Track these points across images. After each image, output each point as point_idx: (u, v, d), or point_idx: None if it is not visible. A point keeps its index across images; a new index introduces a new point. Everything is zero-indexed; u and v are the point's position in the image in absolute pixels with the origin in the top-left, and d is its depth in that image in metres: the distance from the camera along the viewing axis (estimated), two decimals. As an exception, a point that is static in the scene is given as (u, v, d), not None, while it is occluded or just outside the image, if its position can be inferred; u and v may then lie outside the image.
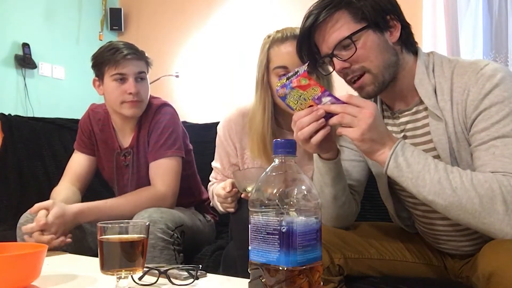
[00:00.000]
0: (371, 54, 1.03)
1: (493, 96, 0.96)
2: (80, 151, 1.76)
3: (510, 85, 0.96)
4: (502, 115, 0.94)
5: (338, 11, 1.03)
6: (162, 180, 1.61)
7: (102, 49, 1.64)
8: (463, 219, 0.92)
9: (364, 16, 1.02)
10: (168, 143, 1.65)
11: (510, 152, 0.92)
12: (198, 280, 0.99)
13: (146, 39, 3.81)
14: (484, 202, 0.89)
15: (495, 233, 0.90)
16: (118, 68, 1.58)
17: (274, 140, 0.79)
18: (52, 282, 1.00)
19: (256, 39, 1.65)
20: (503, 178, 0.90)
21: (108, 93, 1.64)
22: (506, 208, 0.87)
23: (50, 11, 3.38)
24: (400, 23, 1.06)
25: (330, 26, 1.04)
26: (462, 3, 2.63)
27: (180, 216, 1.57)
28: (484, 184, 0.90)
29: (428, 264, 1.20)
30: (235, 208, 1.37)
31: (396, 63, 1.06)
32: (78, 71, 3.56)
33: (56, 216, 1.38)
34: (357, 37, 1.02)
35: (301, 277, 0.71)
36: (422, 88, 1.05)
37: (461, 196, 0.90)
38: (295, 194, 0.73)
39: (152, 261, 1.37)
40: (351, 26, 1.02)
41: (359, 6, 1.02)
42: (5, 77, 3.07)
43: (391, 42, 1.05)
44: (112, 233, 0.89)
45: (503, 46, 2.53)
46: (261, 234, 0.73)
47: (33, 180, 2.39)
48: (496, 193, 0.89)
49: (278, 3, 3.29)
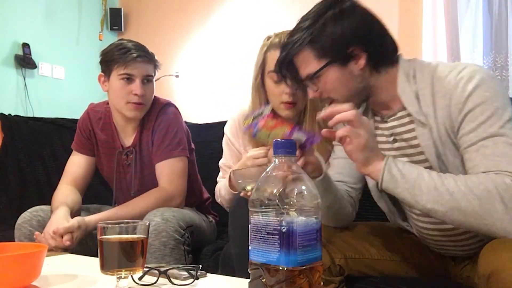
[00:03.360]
0: (335, 88, 1.08)
1: (475, 97, 0.97)
2: (78, 152, 1.76)
3: (491, 85, 0.98)
4: (487, 115, 0.96)
5: (302, 50, 1.07)
6: (169, 180, 1.61)
7: (113, 47, 1.62)
8: (464, 222, 0.92)
9: (326, 53, 1.05)
10: (173, 143, 1.65)
11: (500, 151, 0.93)
12: (198, 280, 0.99)
13: (146, 39, 3.77)
14: (483, 203, 0.89)
15: (497, 232, 0.90)
16: (127, 69, 1.58)
17: (274, 140, 0.79)
18: (52, 282, 1.00)
19: (256, 40, 1.65)
20: (496, 177, 0.90)
21: (113, 91, 1.63)
22: (505, 206, 0.88)
23: (50, 11, 3.38)
24: (365, 51, 1.06)
25: (298, 62, 1.10)
26: (462, 3, 2.62)
27: (190, 216, 1.58)
28: (480, 185, 0.90)
29: (429, 264, 1.20)
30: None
31: (364, 88, 1.09)
32: (78, 71, 3.57)
33: (81, 238, 1.45)
34: (321, 73, 1.07)
35: (301, 277, 0.71)
36: (405, 96, 1.07)
37: (460, 200, 0.91)
38: (295, 194, 0.73)
39: (162, 259, 1.37)
40: (314, 64, 1.07)
41: (320, 43, 1.05)
42: (5, 77, 3.07)
43: (357, 70, 1.07)
44: (112, 233, 0.89)
45: (503, 46, 2.52)
46: (261, 234, 0.73)
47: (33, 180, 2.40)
48: (493, 193, 0.89)
49: (278, 3, 3.29)
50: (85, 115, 1.77)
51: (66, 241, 1.39)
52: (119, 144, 1.71)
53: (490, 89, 0.97)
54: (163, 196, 1.58)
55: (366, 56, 1.06)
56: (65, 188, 1.66)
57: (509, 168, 0.91)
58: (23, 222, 1.50)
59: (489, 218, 0.89)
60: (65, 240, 1.39)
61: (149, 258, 1.38)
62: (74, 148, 1.77)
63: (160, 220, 1.42)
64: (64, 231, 1.40)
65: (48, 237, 1.39)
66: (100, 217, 1.49)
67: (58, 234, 1.39)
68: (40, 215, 1.54)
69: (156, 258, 1.38)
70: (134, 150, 1.69)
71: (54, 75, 3.39)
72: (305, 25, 1.07)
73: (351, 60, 1.06)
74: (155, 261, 1.37)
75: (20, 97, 3.15)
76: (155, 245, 1.39)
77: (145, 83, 1.61)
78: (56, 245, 1.39)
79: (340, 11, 1.05)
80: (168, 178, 1.61)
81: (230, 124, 1.61)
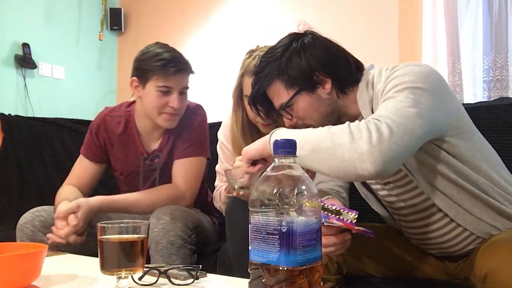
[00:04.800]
0: (307, 113, 1.15)
1: (391, 79, 1.03)
2: (87, 158, 1.70)
3: (409, 68, 1.03)
4: (394, 83, 1.01)
5: (272, 82, 1.16)
6: (185, 179, 1.61)
7: (151, 55, 1.56)
8: (324, 163, 0.93)
9: (294, 82, 1.13)
10: (197, 143, 1.64)
11: (388, 105, 0.97)
12: (198, 280, 0.99)
13: (146, 39, 3.77)
14: (334, 139, 0.92)
15: (347, 165, 0.90)
16: (166, 82, 1.53)
17: (274, 140, 0.79)
18: (52, 282, 1.00)
19: (256, 40, 1.66)
20: (361, 121, 0.93)
21: (148, 100, 1.57)
22: (351, 137, 0.90)
23: (50, 11, 3.38)
24: (329, 76, 1.13)
25: (271, 94, 1.19)
26: (462, 3, 2.62)
27: (197, 217, 1.58)
28: (338, 127, 0.94)
29: (428, 264, 1.20)
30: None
31: (334, 109, 1.16)
32: (78, 71, 3.57)
33: (85, 217, 1.41)
34: (292, 102, 1.14)
35: (301, 277, 0.71)
36: (361, 101, 1.12)
37: (318, 139, 0.94)
38: (295, 194, 0.73)
39: (168, 258, 1.37)
40: (285, 94, 1.15)
41: (288, 74, 1.13)
42: (5, 77, 3.07)
43: (325, 94, 1.14)
44: (112, 233, 0.89)
45: (503, 46, 2.52)
46: (261, 234, 0.73)
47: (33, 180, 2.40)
48: (343, 128, 0.93)
49: (278, 4, 3.29)
50: (100, 120, 1.70)
51: (72, 222, 1.36)
52: (142, 149, 1.67)
53: (406, 68, 1.04)
54: (175, 194, 1.57)
55: (331, 80, 1.13)
56: (69, 187, 1.64)
57: (379, 113, 0.95)
58: (25, 222, 1.47)
59: (339, 150, 0.90)
60: (70, 221, 1.37)
61: (156, 256, 1.38)
62: (83, 154, 1.71)
63: (169, 219, 1.42)
64: (65, 212, 1.38)
65: (55, 229, 1.37)
66: (109, 197, 1.49)
67: (60, 219, 1.37)
68: (43, 215, 1.51)
69: (162, 256, 1.38)
70: (160, 154, 1.66)
71: (54, 75, 3.40)
72: (272, 59, 1.16)
73: (318, 86, 1.14)
74: (162, 260, 1.37)
75: (20, 97, 3.15)
76: (162, 243, 1.39)
77: (181, 95, 1.58)
78: (64, 233, 1.36)
79: (301, 43, 1.15)
80: (183, 177, 1.61)
81: (223, 128, 1.64)
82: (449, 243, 1.10)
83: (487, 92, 2.56)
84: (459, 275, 1.15)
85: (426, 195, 1.07)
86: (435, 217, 1.09)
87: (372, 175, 0.88)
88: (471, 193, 1.04)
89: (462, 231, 1.07)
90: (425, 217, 1.10)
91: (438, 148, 1.03)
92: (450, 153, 1.04)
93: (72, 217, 1.38)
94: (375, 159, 0.87)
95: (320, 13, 2.96)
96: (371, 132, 0.88)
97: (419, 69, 1.03)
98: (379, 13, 2.86)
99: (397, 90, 0.99)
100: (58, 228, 1.38)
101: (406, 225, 1.16)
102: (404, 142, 0.90)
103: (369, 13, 2.89)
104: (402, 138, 0.89)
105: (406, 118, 0.92)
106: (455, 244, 1.10)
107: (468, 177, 1.04)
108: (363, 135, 0.88)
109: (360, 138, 0.89)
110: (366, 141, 0.88)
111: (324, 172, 0.96)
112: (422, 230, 1.13)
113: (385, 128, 0.89)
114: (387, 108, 0.96)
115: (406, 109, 0.93)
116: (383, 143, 0.87)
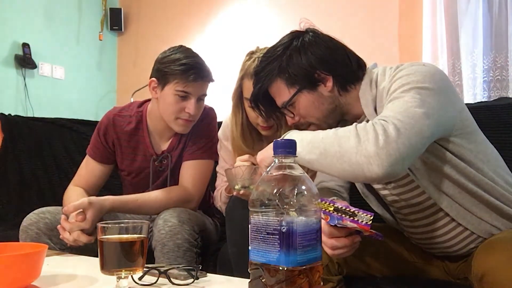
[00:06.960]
0: (309, 111, 1.16)
1: (397, 78, 1.03)
2: (93, 158, 1.68)
3: (415, 68, 1.03)
4: (400, 83, 1.01)
5: (273, 81, 1.16)
6: (193, 181, 1.60)
7: (173, 59, 1.54)
8: (333, 166, 0.93)
9: (296, 81, 1.14)
10: (207, 146, 1.64)
11: (395, 105, 0.96)
12: (198, 280, 0.99)
13: (146, 39, 3.81)
14: (342, 143, 0.92)
15: (355, 168, 0.90)
16: (186, 88, 1.52)
17: (274, 140, 0.79)
18: (52, 282, 1.00)
19: (256, 40, 1.66)
20: (368, 122, 0.93)
21: (165, 103, 1.56)
22: (358, 139, 0.90)
23: (50, 11, 3.38)
24: (330, 73, 1.13)
25: (272, 93, 1.19)
26: (462, 3, 2.62)
27: (203, 220, 1.59)
28: (345, 129, 0.94)
29: (428, 264, 1.20)
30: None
31: (336, 107, 1.16)
32: (78, 71, 3.57)
33: (96, 216, 1.38)
34: (294, 100, 1.15)
35: (301, 277, 0.71)
36: (363, 99, 1.12)
37: (326, 143, 0.94)
38: (295, 194, 0.73)
39: (174, 261, 1.36)
40: (286, 92, 1.16)
41: (289, 72, 1.14)
42: (5, 77, 3.08)
43: (326, 92, 1.14)
44: (112, 233, 0.89)
45: (503, 46, 2.52)
46: (261, 234, 0.73)
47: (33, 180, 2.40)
48: (350, 130, 0.93)
49: (279, 6, 3.29)
50: (109, 121, 1.67)
51: (78, 219, 1.33)
52: (151, 149, 1.66)
53: (411, 67, 1.03)
54: (183, 196, 1.57)
55: (332, 78, 1.13)
56: (76, 190, 1.62)
57: (385, 113, 0.95)
58: (30, 224, 1.44)
59: (346, 154, 0.90)
60: (77, 218, 1.33)
61: (161, 258, 1.38)
62: (89, 155, 1.69)
63: (177, 222, 1.41)
64: (74, 208, 1.35)
65: (60, 228, 1.35)
66: (119, 198, 1.48)
67: (69, 213, 1.35)
68: (48, 217, 1.47)
69: (168, 259, 1.38)
70: (170, 155, 1.65)
71: (54, 75, 3.40)
72: (273, 57, 1.16)
73: (319, 83, 1.14)
74: (167, 262, 1.36)
75: (20, 97, 3.15)
76: (169, 246, 1.38)
77: (199, 102, 1.58)
78: (71, 228, 1.33)
79: (302, 41, 1.15)
80: (192, 179, 1.60)
81: (223, 128, 1.64)
82: (450, 242, 1.10)
83: (487, 92, 2.56)
84: (459, 275, 1.15)
85: (428, 195, 1.07)
86: (436, 217, 1.09)
87: (380, 177, 0.88)
88: (472, 193, 1.04)
89: (463, 231, 1.07)
90: (426, 217, 1.10)
91: (442, 148, 1.03)
92: (454, 153, 1.03)
93: (80, 215, 1.35)
94: (382, 161, 0.86)
95: (320, 14, 2.96)
96: (378, 133, 0.88)
97: (425, 69, 1.02)
98: (379, 13, 2.87)
99: (404, 90, 0.98)
100: (63, 222, 1.35)
101: (407, 224, 1.16)
102: (411, 142, 0.89)
103: (369, 14, 2.89)
104: (409, 139, 0.89)
105: (414, 118, 0.92)
106: (455, 244, 1.10)
107: (471, 177, 1.04)
108: (370, 137, 0.88)
109: (366, 140, 0.88)
110: (372, 143, 0.87)
111: (334, 175, 0.96)
112: (423, 230, 1.12)
113: (392, 129, 0.89)
114: (393, 108, 0.95)
115: (413, 109, 0.93)
116: (390, 144, 0.87)
